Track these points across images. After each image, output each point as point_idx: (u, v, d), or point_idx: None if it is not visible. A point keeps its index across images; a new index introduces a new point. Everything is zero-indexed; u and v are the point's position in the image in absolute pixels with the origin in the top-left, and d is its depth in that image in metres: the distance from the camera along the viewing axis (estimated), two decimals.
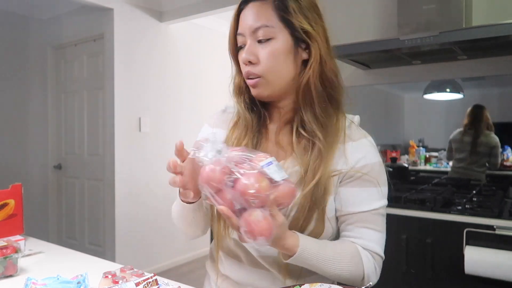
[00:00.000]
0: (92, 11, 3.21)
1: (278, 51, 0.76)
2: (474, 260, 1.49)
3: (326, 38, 0.80)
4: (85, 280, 0.83)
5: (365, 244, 0.79)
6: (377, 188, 0.80)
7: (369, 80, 2.42)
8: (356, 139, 0.81)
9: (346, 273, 0.76)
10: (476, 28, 1.66)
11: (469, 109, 2.16)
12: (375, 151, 0.82)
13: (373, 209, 0.80)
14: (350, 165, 0.79)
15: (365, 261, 0.78)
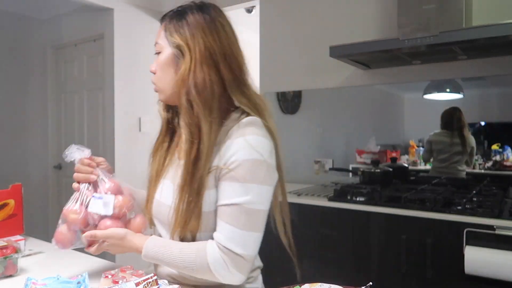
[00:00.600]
0: (92, 11, 3.21)
1: (162, 63, 0.91)
2: (474, 260, 1.49)
3: (204, 50, 0.86)
4: (84, 280, 0.83)
5: (218, 237, 0.84)
6: (241, 184, 0.83)
7: (369, 80, 2.42)
8: (233, 138, 0.85)
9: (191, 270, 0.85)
10: (476, 28, 1.66)
11: (445, 111, 2.21)
12: (250, 150, 0.84)
13: (233, 203, 0.83)
14: (223, 162, 0.85)
15: (210, 251, 0.83)
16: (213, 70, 0.86)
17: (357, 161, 2.52)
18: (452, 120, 2.20)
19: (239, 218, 0.82)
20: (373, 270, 1.80)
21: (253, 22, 3.48)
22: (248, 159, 0.83)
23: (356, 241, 1.84)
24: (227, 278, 0.83)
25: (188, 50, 0.86)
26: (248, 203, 0.83)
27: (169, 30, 0.89)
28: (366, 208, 1.81)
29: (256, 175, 0.84)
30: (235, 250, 0.82)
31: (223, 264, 0.82)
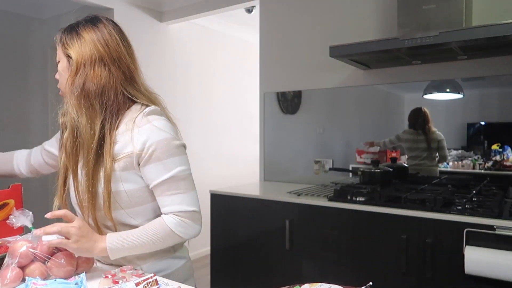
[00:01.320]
0: (92, 11, 3.20)
1: (60, 70, 1.07)
2: (474, 260, 1.49)
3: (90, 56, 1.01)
4: (82, 281, 0.83)
5: (169, 209, 0.99)
6: (166, 160, 0.98)
7: (369, 80, 2.42)
8: (141, 126, 0.99)
9: (159, 240, 0.98)
10: (476, 28, 1.66)
11: (411, 111, 2.33)
12: (159, 131, 0.99)
13: (166, 178, 0.98)
14: (138, 147, 0.97)
15: (171, 224, 0.98)
16: (103, 72, 1.01)
17: (357, 161, 2.52)
18: (417, 119, 2.31)
19: (177, 186, 0.99)
20: (373, 270, 1.80)
21: (253, 22, 3.48)
22: (161, 139, 0.98)
23: (356, 241, 1.84)
24: (190, 233, 1.01)
25: (75, 57, 1.01)
26: (178, 172, 0.99)
27: (63, 42, 1.05)
28: (366, 208, 1.81)
29: (173, 150, 1.00)
30: (189, 209, 1.00)
31: (184, 224, 0.99)
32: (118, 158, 0.98)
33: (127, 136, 0.99)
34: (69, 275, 0.93)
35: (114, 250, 0.95)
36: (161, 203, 1.00)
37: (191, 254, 3.81)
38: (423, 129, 2.31)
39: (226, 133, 4.28)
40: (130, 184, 0.99)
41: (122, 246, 0.96)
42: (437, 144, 2.29)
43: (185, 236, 1.00)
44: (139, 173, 1.00)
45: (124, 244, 0.96)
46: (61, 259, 0.93)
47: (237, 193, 2.25)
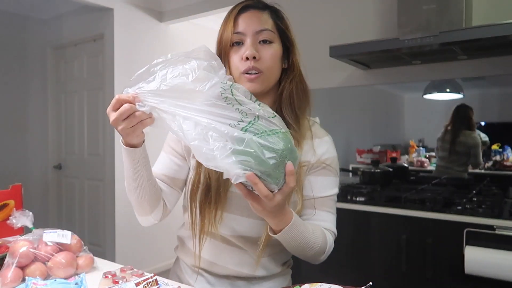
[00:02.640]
0: (92, 11, 3.21)
1: (276, 54, 0.90)
2: (474, 260, 1.49)
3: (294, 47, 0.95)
4: (82, 281, 0.83)
5: (326, 225, 0.94)
6: (336, 178, 0.97)
7: (369, 80, 2.42)
8: (321, 137, 0.98)
9: (315, 249, 0.88)
10: (476, 28, 1.66)
11: (454, 109, 2.19)
12: (334, 147, 0.99)
13: (332, 194, 0.96)
14: (317, 157, 0.94)
15: (328, 237, 0.93)
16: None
17: (357, 161, 2.52)
18: (457, 118, 2.18)
19: (333, 206, 0.97)
20: (373, 270, 1.80)
21: None
22: (336, 155, 0.98)
23: (356, 241, 1.84)
24: (327, 255, 0.94)
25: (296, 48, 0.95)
26: (336, 194, 0.97)
27: (284, 24, 0.93)
28: (366, 208, 1.81)
29: (338, 169, 0.98)
30: (336, 233, 0.96)
31: (331, 245, 0.94)
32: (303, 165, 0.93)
33: (307, 144, 0.94)
34: (69, 275, 0.93)
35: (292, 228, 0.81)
36: (320, 217, 0.94)
37: None
38: (460, 131, 2.16)
39: None
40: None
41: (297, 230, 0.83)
42: (468, 149, 2.13)
43: (323, 257, 0.93)
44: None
45: (300, 229, 0.83)
46: (61, 259, 0.93)
47: None
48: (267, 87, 0.91)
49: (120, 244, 3.19)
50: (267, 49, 0.88)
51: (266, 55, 0.88)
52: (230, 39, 0.89)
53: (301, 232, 0.84)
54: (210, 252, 0.97)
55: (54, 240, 0.96)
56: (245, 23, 0.89)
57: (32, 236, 0.98)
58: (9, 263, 0.89)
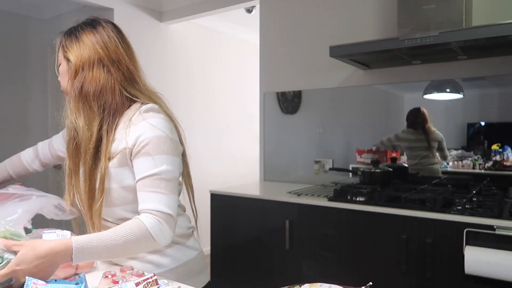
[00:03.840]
0: (92, 11, 3.21)
1: (61, 72, 1.09)
2: (474, 260, 1.49)
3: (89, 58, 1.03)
4: (82, 281, 0.83)
5: (146, 206, 0.95)
6: (155, 157, 0.97)
7: (369, 80, 2.42)
8: (137, 123, 1.01)
9: (133, 241, 0.90)
10: (476, 28, 1.66)
11: (409, 111, 2.33)
12: (153, 128, 0.99)
13: (150, 174, 0.96)
14: (130, 144, 0.98)
15: (144, 219, 0.92)
16: (102, 73, 1.03)
17: (357, 161, 2.52)
18: (417, 119, 2.31)
19: (159, 185, 0.96)
20: (373, 270, 1.80)
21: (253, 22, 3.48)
22: (153, 136, 0.98)
23: (356, 241, 1.84)
24: (165, 237, 0.95)
25: (74, 60, 1.03)
26: (163, 172, 0.97)
27: (63, 46, 1.07)
28: (366, 208, 1.81)
29: (163, 148, 0.99)
30: (165, 211, 0.95)
31: (160, 225, 0.93)
32: (113, 155, 1.00)
33: (122, 133, 1.01)
34: (69, 275, 0.93)
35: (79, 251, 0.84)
36: (140, 199, 0.97)
37: None
38: (422, 129, 2.31)
39: (226, 133, 4.28)
40: (125, 180, 1.00)
41: (90, 248, 0.86)
42: (437, 144, 2.29)
43: (159, 240, 0.93)
44: (132, 169, 1.00)
45: (94, 245, 0.86)
46: None
47: (237, 193, 2.25)
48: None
49: None
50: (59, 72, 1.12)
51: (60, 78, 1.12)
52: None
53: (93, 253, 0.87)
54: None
55: None
56: None
57: (31, 236, 0.98)
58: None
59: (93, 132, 1.01)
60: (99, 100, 1.02)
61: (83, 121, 1.02)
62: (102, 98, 1.02)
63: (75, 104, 1.04)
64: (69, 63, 1.05)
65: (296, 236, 2.01)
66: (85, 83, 1.02)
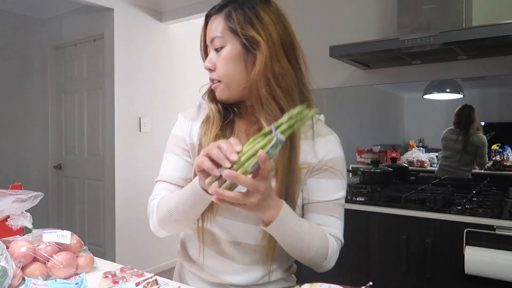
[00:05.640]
0: (92, 11, 3.21)
1: (228, 58, 0.84)
2: (474, 260, 1.49)
3: (277, 41, 0.83)
4: (82, 281, 0.83)
5: (330, 230, 0.88)
6: (341, 180, 0.90)
7: (369, 80, 2.42)
8: (324, 135, 0.90)
9: (313, 250, 0.84)
10: (476, 28, 1.66)
11: (458, 109, 2.20)
12: (340, 147, 0.92)
13: (337, 198, 0.89)
14: (319, 158, 0.88)
15: (331, 245, 0.87)
16: (286, 60, 0.84)
17: (357, 161, 2.52)
18: (461, 117, 2.18)
19: (339, 211, 0.90)
20: (373, 270, 1.80)
21: None
22: (341, 156, 0.91)
23: (356, 241, 1.84)
24: (332, 264, 0.90)
25: (263, 41, 0.81)
26: (343, 197, 0.91)
27: (238, 22, 0.83)
28: (366, 208, 1.81)
29: (345, 170, 0.92)
30: (342, 240, 0.91)
31: (335, 253, 0.89)
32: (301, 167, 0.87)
33: (306, 144, 0.88)
34: (69, 275, 0.93)
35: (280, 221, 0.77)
36: (321, 222, 0.88)
37: None
38: (465, 130, 2.16)
39: None
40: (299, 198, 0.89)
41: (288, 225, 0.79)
42: (475, 148, 2.15)
43: (328, 263, 0.88)
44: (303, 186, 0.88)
45: (292, 225, 0.80)
46: (61, 259, 0.93)
47: None
48: (235, 94, 0.87)
49: (120, 244, 3.19)
50: (219, 56, 0.86)
51: (219, 62, 0.86)
52: (204, 52, 0.92)
53: (292, 228, 0.80)
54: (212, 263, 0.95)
55: (54, 240, 0.96)
56: (206, 33, 0.89)
57: (32, 236, 0.98)
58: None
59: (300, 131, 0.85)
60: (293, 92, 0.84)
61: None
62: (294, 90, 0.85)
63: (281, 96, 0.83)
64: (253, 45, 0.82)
65: None
66: (276, 71, 0.82)
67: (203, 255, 0.94)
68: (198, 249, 0.94)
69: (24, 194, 0.97)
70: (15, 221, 1.01)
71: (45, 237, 0.95)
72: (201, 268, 0.97)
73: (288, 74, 0.84)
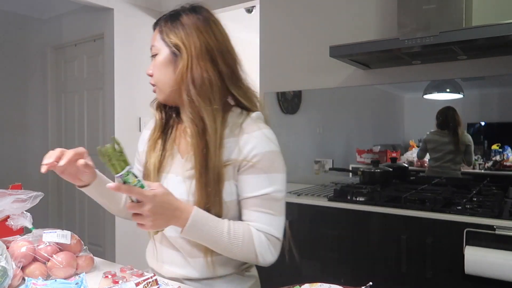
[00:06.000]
0: (92, 11, 3.21)
1: (159, 64, 0.95)
2: (474, 260, 1.49)
3: (201, 47, 0.91)
4: (82, 281, 0.83)
5: (259, 226, 0.91)
6: (268, 175, 0.91)
7: (369, 80, 2.42)
8: (250, 132, 0.92)
9: (237, 248, 0.88)
10: (476, 28, 1.66)
11: (440, 110, 2.23)
12: (267, 142, 0.92)
13: (263, 193, 0.91)
14: (244, 155, 0.91)
15: (257, 241, 0.90)
16: (210, 65, 0.91)
17: (357, 161, 2.52)
18: (447, 119, 2.22)
19: (271, 206, 0.91)
20: (373, 270, 1.80)
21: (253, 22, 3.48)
22: (268, 151, 0.91)
23: (356, 241, 1.84)
24: (268, 259, 0.92)
25: (184, 47, 0.90)
26: (275, 192, 0.91)
27: (165, 32, 0.94)
28: (366, 208, 1.81)
29: (276, 165, 0.92)
30: (275, 235, 0.92)
31: (267, 247, 0.91)
32: (227, 164, 0.91)
33: (232, 141, 0.92)
34: (69, 275, 0.93)
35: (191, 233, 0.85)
36: (249, 218, 0.92)
37: None
38: (453, 130, 2.20)
39: None
40: (227, 195, 0.92)
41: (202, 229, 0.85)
42: (465, 147, 2.18)
43: (260, 260, 0.91)
44: (235, 183, 0.93)
45: (206, 229, 0.85)
46: (61, 259, 0.93)
47: None
48: (168, 97, 0.97)
49: (120, 244, 3.18)
50: (154, 63, 0.96)
51: (154, 68, 0.96)
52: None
53: (207, 231, 0.86)
54: (156, 256, 1.03)
55: (54, 240, 0.96)
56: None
57: (32, 236, 0.98)
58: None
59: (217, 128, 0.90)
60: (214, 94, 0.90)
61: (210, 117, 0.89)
62: (214, 93, 0.90)
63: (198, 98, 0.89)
64: (177, 51, 0.91)
65: (296, 236, 2.01)
66: (195, 74, 0.89)
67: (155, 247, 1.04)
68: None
69: (24, 194, 0.98)
70: (15, 221, 1.01)
71: (45, 237, 0.95)
72: (156, 262, 1.04)
73: (209, 78, 0.90)
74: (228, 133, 0.92)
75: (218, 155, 0.89)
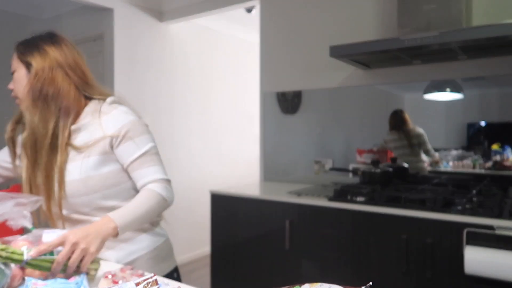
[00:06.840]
0: (92, 11, 3.21)
1: (17, 79, 1.15)
2: (474, 260, 1.49)
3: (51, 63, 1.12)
4: (82, 281, 0.83)
5: (150, 178, 1.10)
6: (140, 137, 1.12)
7: (369, 80, 2.42)
8: (108, 112, 1.13)
9: (156, 209, 1.08)
10: (476, 28, 1.66)
11: (390, 115, 2.41)
12: (126, 114, 1.14)
13: (142, 153, 1.11)
14: (110, 132, 1.10)
15: (156, 188, 1.09)
16: (60, 75, 1.12)
17: (357, 161, 2.52)
18: (396, 121, 2.40)
19: (151, 160, 1.12)
20: (373, 270, 1.80)
21: (253, 22, 3.48)
22: (129, 121, 1.12)
23: (356, 241, 1.84)
24: (171, 198, 1.12)
25: (35, 64, 1.11)
26: (151, 148, 1.13)
27: (20, 51, 1.15)
28: (366, 208, 1.81)
29: (141, 129, 1.13)
30: (165, 177, 1.13)
31: (166, 188, 1.11)
32: (91, 144, 1.09)
33: (94, 124, 1.11)
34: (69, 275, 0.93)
35: (123, 227, 0.99)
36: (139, 176, 1.11)
37: (191, 254, 3.82)
38: (402, 129, 2.40)
39: (226, 133, 4.29)
40: (107, 167, 1.10)
41: (129, 220, 1.01)
42: (418, 139, 2.36)
43: (169, 200, 1.11)
44: (113, 156, 1.11)
45: (130, 217, 1.02)
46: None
47: (237, 193, 2.25)
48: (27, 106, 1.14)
49: None
50: (14, 78, 1.17)
51: (14, 83, 1.17)
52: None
53: (133, 219, 1.02)
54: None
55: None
56: None
57: (31, 236, 0.98)
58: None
59: (49, 130, 1.09)
60: (57, 100, 1.10)
61: (38, 119, 1.09)
62: (60, 98, 1.10)
63: (33, 104, 1.10)
64: (29, 67, 1.11)
65: (296, 236, 2.01)
66: (44, 84, 1.09)
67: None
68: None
69: (25, 198, 1.00)
70: (15, 221, 1.01)
71: (45, 237, 0.95)
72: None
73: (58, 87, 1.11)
74: (88, 120, 1.12)
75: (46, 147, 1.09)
